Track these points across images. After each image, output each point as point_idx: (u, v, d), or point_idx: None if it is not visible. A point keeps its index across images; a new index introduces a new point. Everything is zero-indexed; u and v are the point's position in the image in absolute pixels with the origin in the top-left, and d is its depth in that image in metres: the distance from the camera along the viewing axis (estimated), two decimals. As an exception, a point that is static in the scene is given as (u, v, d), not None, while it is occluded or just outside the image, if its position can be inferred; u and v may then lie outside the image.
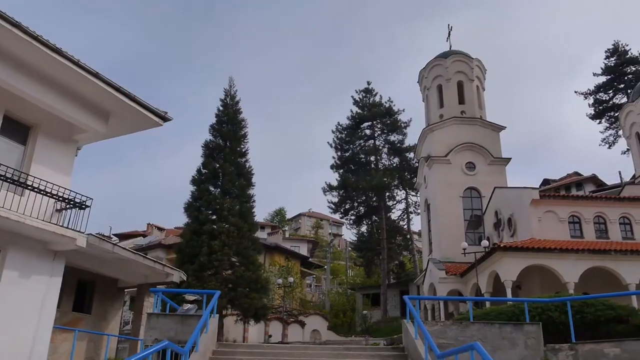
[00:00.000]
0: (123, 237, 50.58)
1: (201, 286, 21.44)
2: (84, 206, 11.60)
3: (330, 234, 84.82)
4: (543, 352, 10.91)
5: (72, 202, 11.50)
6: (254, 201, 26.50)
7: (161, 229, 54.08)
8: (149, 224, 55.85)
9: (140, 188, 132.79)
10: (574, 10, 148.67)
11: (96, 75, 11.09)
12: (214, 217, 25.03)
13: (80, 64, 10.71)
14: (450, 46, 39.77)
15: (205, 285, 21.71)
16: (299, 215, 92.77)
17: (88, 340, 15.57)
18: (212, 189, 25.89)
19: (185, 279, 17.08)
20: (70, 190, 11.58)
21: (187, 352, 8.11)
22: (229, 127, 27.13)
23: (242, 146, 27.18)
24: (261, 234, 53.18)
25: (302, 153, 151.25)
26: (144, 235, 50.50)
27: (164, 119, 12.64)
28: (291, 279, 36.15)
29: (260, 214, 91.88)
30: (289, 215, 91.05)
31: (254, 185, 26.79)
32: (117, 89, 11.58)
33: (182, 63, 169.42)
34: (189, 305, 11.82)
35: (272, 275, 37.77)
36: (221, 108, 27.74)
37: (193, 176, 26.06)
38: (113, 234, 51.17)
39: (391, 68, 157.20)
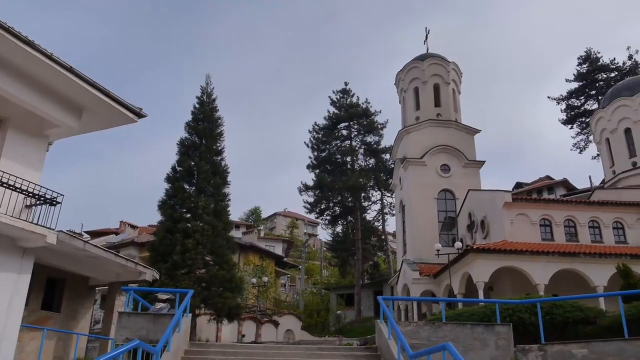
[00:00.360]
0: (95, 234, 49.78)
1: (174, 285, 21.22)
2: (54, 202, 11.36)
3: (305, 233, 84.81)
4: (513, 353, 11.08)
5: (42, 198, 11.26)
6: (229, 200, 26.36)
7: (134, 227, 53.43)
8: (121, 222, 55.18)
9: (113, 185, 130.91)
10: (549, 17, 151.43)
11: (70, 69, 10.87)
12: (189, 215, 24.80)
13: (54, 57, 10.49)
14: (428, 49, 40.14)
15: (178, 284, 21.50)
16: (275, 214, 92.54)
17: (57, 340, 15.27)
18: (187, 187, 25.65)
19: (158, 277, 16.88)
20: (41, 186, 11.33)
21: (158, 352, 8.01)
22: (205, 124, 26.91)
23: (218, 144, 26.99)
24: (236, 233, 52.94)
25: (279, 152, 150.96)
26: (117, 233, 49.81)
27: (139, 115, 12.45)
28: (265, 279, 36.01)
29: (236, 213, 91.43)
30: (264, 215, 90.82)
31: (229, 184, 26.66)
32: (91, 84, 11.37)
33: (160, 60, 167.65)
34: (162, 304, 11.67)
35: (246, 274, 37.60)
36: (197, 106, 27.51)
37: (168, 174, 25.80)
38: (85, 231, 50.36)
39: (369, 69, 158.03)
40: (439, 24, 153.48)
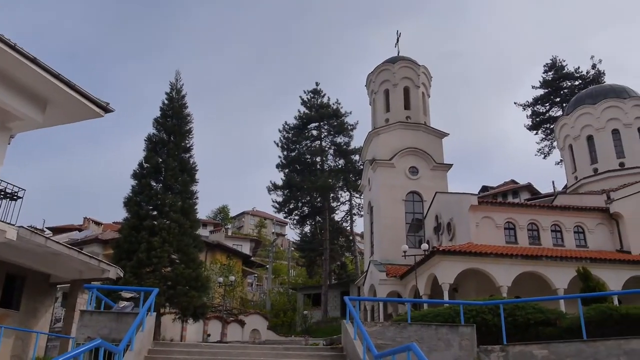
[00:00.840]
0: (57, 230, 48.60)
1: (139, 283, 20.90)
2: (15, 197, 11.06)
3: (273, 233, 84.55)
4: (476, 353, 11.26)
5: (2, 193, 10.93)
6: (197, 198, 26.09)
7: (98, 224, 52.42)
8: (85, 218, 54.05)
9: (78, 180, 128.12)
10: (519, 24, 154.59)
11: (34, 60, 10.57)
12: (155, 212, 24.45)
13: (17, 47, 10.18)
14: (399, 52, 40.51)
15: (143, 283, 21.18)
16: (243, 213, 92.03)
17: (15, 338, 14.85)
18: (153, 184, 25.27)
19: (122, 275, 16.59)
20: (1, 180, 11.00)
21: (121, 351, 7.86)
22: (173, 121, 26.57)
23: (186, 141, 26.68)
24: (203, 232, 52.42)
25: (248, 151, 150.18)
26: (80, 230, 48.79)
27: (106, 109, 12.20)
28: (232, 278, 35.77)
29: (203, 211, 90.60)
30: (232, 214, 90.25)
31: (197, 182, 26.37)
32: (56, 76, 11.07)
33: (130, 56, 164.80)
34: (125, 302, 11.50)
35: (213, 273, 37.28)
36: (166, 102, 27.14)
37: (134, 170, 25.37)
38: (46, 227, 49.05)
39: (340, 70, 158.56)
40: (410, 27, 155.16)
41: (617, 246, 27.19)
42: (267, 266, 57.52)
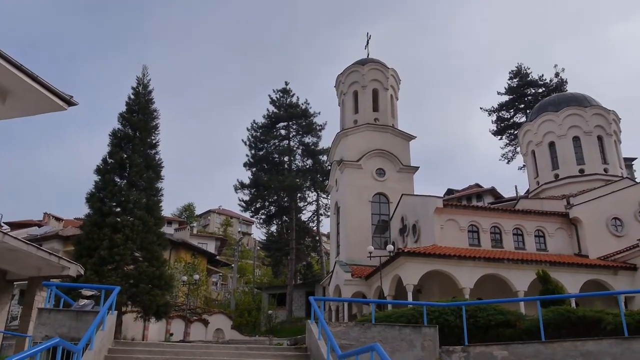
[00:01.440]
0: (16, 225, 47.21)
1: (100, 281, 20.47)
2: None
3: (239, 232, 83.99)
4: (438, 354, 11.41)
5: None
6: (162, 195, 25.68)
7: (59, 219, 51.13)
8: (45, 213, 52.64)
9: (38, 174, 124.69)
10: (487, 31, 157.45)
11: (-6, 50, 10.23)
12: (118, 209, 23.97)
13: (-23, 36, 9.82)
14: (368, 54, 40.78)
15: (104, 280, 20.74)
16: (209, 211, 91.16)
17: (-32, 336, 14.34)
18: (118, 180, 24.77)
19: (82, 273, 16.18)
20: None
21: (80, 350, 7.69)
22: (139, 116, 26.10)
23: (152, 137, 26.24)
24: (168, 229, 51.60)
25: (216, 149, 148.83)
26: (40, 225, 47.46)
27: (69, 102, 11.88)
28: (197, 277, 35.38)
29: (168, 208, 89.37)
30: (198, 212, 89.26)
31: (163, 179, 25.98)
32: (17, 67, 10.73)
33: (99, 50, 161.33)
34: (86, 300, 11.21)
35: (177, 272, 36.79)
36: (133, 97, 26.64)
37: (98, 165, 24.81)
38: (4, 222, 47.55)
39: (310, 71, 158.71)
40: (381, 30, 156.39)
41: (575, 250, 27.96)
42: (233, 265, 57.12)
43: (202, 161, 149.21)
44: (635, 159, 51.34)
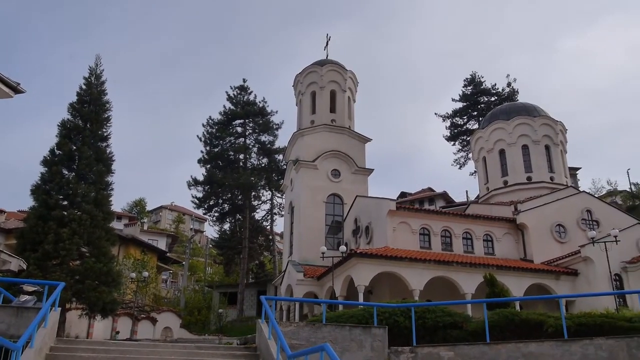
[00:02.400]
0: (-46, 217, 44.98)
1: (44, 276, 19.71)
2: None
3: (191, 229, 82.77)
4: (387, 354, 11.56)
5: None
6: (112, 189, 24.95)
7: (1, 212, 49.08)
8: (-14, 205, 50.42)
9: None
10: (444, 39, 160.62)
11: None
12: (65, 202, 23.15)
13: None
14: (327, 55, 40.92)
15: (48, 276, 19.99)
16: (160, 207, 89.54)
17: None
18: (65, 172, 23.90)
19: (25, 267, 15.58)
20: None
21: (19, 348, 7.39)
22: (91, 107, 25.28)
23: (104, 129, 25.45)
24: (117, 225, 50.43)
25: (170, 144, 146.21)
26: (-20, 217, 45.38)
27: (16, 90, 11.46)
28: (146, 274, 34.57)
29: (119, 203, 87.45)
30: (149, 207, 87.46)
31: (113, 172, 25.24)
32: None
33: (51, 37, 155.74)
34: (27, 296, 10.82)
35: (125, 268, 35.91)
36: (84, 87, 25.77)
37: (45, 157, 23.86)
38: (-59, 213, 45.30)
39: (269, 69, 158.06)
40: (340, 32, 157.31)
41: (521, 255, 28.89)
42: (184, 263, 56.25)
43: (155, 156, 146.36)
44: (580, 168, 53.60)
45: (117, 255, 33.30)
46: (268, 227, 53.18)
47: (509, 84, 59.85)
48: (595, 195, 38.17)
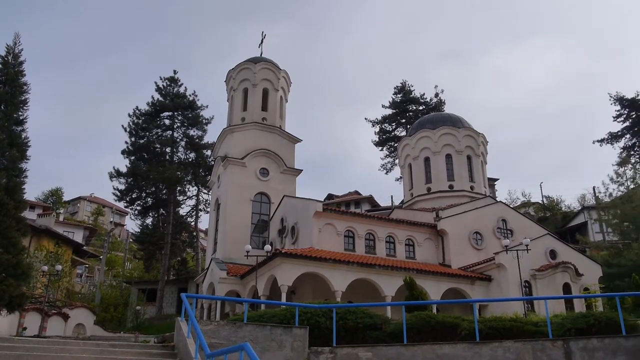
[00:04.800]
0: None
1: (-57, 267, 18.34)
2: None
3: (111, 222, 79.72)
4: (307, 354, 11.63)
5: None
6: (26, 176, 23.55)
7: None
8: None
9: None
10: (379, 46, 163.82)
11: None
12: (-27, 189, 21.63)
13: None
14: (262, 53, 40.64)
15: (-52, 267, 18.61)
16: (79, 198, 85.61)
17: None
18: (-26, 156, 22.37)
19: None
20: None
21: None
22: (6, 88, 23.77)
23: (20, 113, 23.98)
24: (30, 214, 47.80)
25: (92, 133, 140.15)
26: None
27: None
28: (59, 267, 32.92)
29: (33, 191, 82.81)
30: (66, 198, 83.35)
31: (28, 159, 23.83)
32: None
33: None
34: None
35: (37, 261, 33.99)
36: (0, 66, 24.24)
37: (-49, 139, 22.23)
38: None
39: (202, 63, 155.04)
40: (277, 31, 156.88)
41: (440, 260, 29.93)
42: (101, 257, 54.06)
43: (76, 145, 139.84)
44: (497, 179, 56.42)
45: (28, 247, 31.53)
46: (192, 223, 52.11)
47: (436, 95, 62.05)
48: (511, 206, 40.13)
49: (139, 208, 48.54)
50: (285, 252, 24.17)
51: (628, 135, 59.23)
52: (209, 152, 47.11)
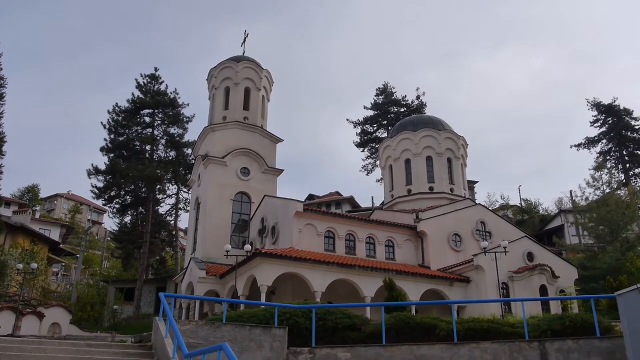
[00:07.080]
0: None
1: None
2: None
3: (89, 220, 78.65)
4: (286, 355, 11.62)
5: None
6: (1, 172, 23.30)
7: None
8: None
9: None
10: (362, 47, 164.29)
11: None
12: (-54, 184, 21.25)
13: None
14: (244, 52, 40.48)
15: None
16: (56, 195, 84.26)
17: None
18: (-52, 151, 21.96)
19: None
20: None
21: None
22: (-18, 83, 23.42)
23: (-4, 108, 23.66)
24: (5, 211, 47.03)
25: (70, 130, 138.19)
26: None
27: None
28: (34, 265, 32.38)
29: (8, 188, 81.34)
30: (43, 194, 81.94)
31: (4, 155, 23.62)
32: None
33: None
34: None
35: (11, 258, 33.39)
36: (-23, 60, 23.83)
37: None
38: None
39: (184, 61, 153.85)
40: (260, 30, 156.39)
41: (419, 261, 30.12)
42: (78, 255, 53.31)
43: (54, 142, 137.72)
44: (477, 182, 56.98)
45: (2, 244, 30.97)
46: (172, 222, 51.69)
47: (418, 97, 62.53)
48: (490, 208, 40.54)
49: (117, 206, 48.01)
50: (265, 252, 24.09)
51: (604, 141, 60.54)
52: (189, 151, 46.77)
